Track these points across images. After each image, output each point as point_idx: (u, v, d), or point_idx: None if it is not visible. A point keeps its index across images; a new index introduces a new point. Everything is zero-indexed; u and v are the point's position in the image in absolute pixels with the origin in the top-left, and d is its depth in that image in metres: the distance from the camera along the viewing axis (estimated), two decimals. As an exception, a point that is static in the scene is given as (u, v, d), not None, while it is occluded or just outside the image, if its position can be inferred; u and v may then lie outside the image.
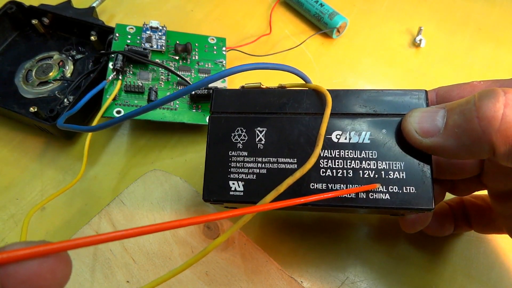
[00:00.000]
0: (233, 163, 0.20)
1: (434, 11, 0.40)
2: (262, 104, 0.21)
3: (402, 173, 0.19)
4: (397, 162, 0.19)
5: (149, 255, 0.24)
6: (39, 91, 0.31)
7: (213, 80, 0.18)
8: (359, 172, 0.19)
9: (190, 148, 0.31)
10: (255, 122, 0.20)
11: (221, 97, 0.21)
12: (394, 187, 0.19)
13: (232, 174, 0.20)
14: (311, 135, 0.20)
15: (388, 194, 0.19)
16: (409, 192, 0.19)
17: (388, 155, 0.19)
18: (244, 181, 0.20)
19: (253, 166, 0.20)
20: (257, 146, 0.20)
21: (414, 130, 0.18)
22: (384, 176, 0.19)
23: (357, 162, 0.20)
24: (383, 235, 0.27)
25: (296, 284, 0.24)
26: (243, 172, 0.20)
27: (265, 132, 0.20)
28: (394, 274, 0.26)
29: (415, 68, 0.36)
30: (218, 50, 0.34)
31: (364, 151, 0.20)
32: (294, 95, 0.21)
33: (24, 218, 0.22)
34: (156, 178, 0.27)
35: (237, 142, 0.20)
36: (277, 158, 0.20)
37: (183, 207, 0.26)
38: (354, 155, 0.20)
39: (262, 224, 0.27)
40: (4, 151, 0.30)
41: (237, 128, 0.20)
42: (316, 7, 0.37)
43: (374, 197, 0.19)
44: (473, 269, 0.26)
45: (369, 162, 0.20)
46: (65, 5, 0.35)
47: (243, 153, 0.20)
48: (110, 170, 0.30)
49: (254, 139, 0.20)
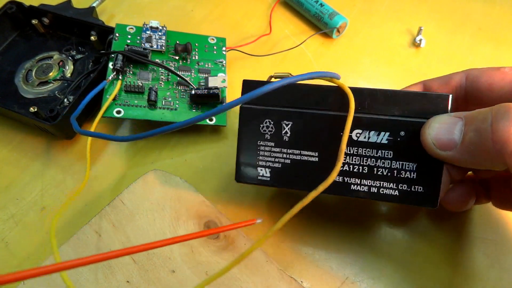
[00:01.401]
0: (261, 152, 0.22)
1: (434, 11, 0.40)
2: (289, 100, 0.22)
3: (414, 174, 0.20)
4: (410, 163, 0.20)
5: (149, 255, 0.24)
6: (39, 91, 0.31)
7: (263, 91, 0.17)
8: (373, 170, 0.21)
9: (190, 148, 0.31)
10: (282, 115, 0.22)
11: (250, 89, 0.22)
12: (404, 185, 0.21)
13: (260, 161, 0.22)
14: (333, 131, 0.21)
15: (397, 191, 0.21)
16: (417, 191, 0.20)
17: (403, 156, 0.20)
18: (270, 168, 0.22)
19: (279, 156, 0.22)
20: (282, 138, 0.22)
21: (432, 143, 0.19)
22: (396, 174, 0.21)
23: (372, 160, 0.21)
24: (383, 235, 0.27)
25: (296, 284, 0.24)
26: (269, 160, 0.22)
27: (290, 126, 0.22)
28: (394, 274, 0.26)
29: (415, 68, 0.36)
30: (218, 50, 0.34)
31: (381, 151, 0.21)
32: (320, 93, 0.21)
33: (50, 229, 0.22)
34: (156, 178, 0.27)
35: (265, 133, 0.22)
36: (300, 151, 0.22)
37: (183, 207, 0.26)
38: (371, 154, 0.21)
39: (261, 224, 0.27)
40: (4, 151, 0.30)
41: (265, 120, 0.22)
42: (316, 7, 0.37)
43: (384, 192, 0.21)
44: (474, 269, 0.26)
45: (384, 161, 0.21)
46: (65, 5, 0.35)
47: (270, 143, 0.22)
48: (110, 170, 0.30)
49: (280, 131, 0.22)
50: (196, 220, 0.26)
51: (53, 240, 0.21)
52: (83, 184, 0.27)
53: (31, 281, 0.23)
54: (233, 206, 0.28)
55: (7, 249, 0.26)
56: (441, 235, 0.27)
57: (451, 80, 0.23)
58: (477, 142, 0.17)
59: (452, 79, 0.23)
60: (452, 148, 0.18)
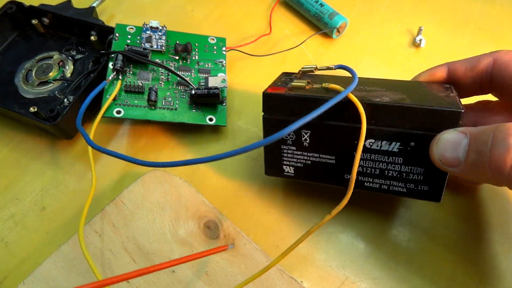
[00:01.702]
0: (285, 154, 0.25)
1: (434, 11, 0.40)
2: (307, 112, 0.22)
3: (421, 176, 0.22)
4: (418, 168, 0.22)
5: (149, 255, 0.24)
6: (39, 91, 0.31)
7: (295, 127, 0.18)
8: (384, 171, 0.23)
9: (190, 148, 0.31)
10: (301, 126, 0.22)
11: (270, 101, 0.23)
12: (411, 184, 0.23)
13: (285, 161, 0.25)
14: (348, 140, 0.23)
15: (405, 189, 0.23)
16: (423, 190, 0.23)
17: (412, 162, 0.22)
18: (294, 167, 0.25)
19: (300, 158, 0.24)
20: (303, 144, 0.24)
21: (438, 159, 0.20)
22: (405, 176, 0.23)
23: (384, 164, 0.23)
24: (383, 236, 0.27)
25: (296, 284, 0.24)
26: (292, 160, 0.25)
27: (309, 134, 0.24)
28: (394, 274, 0.26)
29: (415, 68, 0.36)
30: (218, 50, 0.34)
31: (392, 157, 0.23)
32: (336, 107, 0.22)
33: (78, 237, 0.22)
34: (156, 178, 0.27)
35: (287, 139, 0.24)
36: (319, 154, 0.24)
37: (183, 207, 0.26)
38: (382, 159, 0.23)
39: (261, 224, 0.27)
40: (4, 151, 0.30)
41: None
42: (316, 7, 0.37)
43: (393, 189, 0.23)
44: (476, 269, 0.26)
45: (394, 165, 0.23)
46: (65, 5, 0.35)
47: (292, 147, 0.24)
48: (110, 170, 0.30)
49: (300, 138, 0.24)
50: (196, 220, 0.26)
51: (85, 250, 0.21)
52: (93, 188, 0.26)
53: (31, 281, 0.23)
54: (233, 206, 0.28)
55: (7, 249, 0.26)
56: (441, 235, 0.27)
57: (478, 63, 0.23)
58: (478, 164, 0.18)
59: (479, 62, 0.23)
60: (456, 166, 0.19)
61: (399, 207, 0.28)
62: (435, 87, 0.24)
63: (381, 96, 0.22)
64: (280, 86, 0.24)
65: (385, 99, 0.22)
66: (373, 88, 0.24)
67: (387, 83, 0.25)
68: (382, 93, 0.23)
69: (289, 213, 0.28)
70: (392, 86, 0.24)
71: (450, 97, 0.22)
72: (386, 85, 0.25)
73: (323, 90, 0.23)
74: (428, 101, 0.21)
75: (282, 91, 0.23)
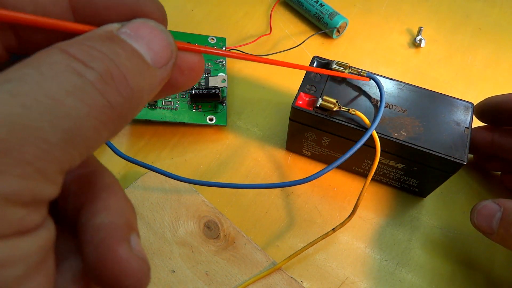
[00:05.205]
0: (305, 144, 0.29)
1: (434, 11, 0.40)
2: (328, 129, 0.26)
3: (415, 183, 0.28)
4: (414, 180, 0.27)
5: (149, 255, 0.24)
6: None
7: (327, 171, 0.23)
8: (386, 174, 0.28)
9: (190, 148, 0.31)
10: (322, 134, 0.27)
11: (298, 113, 0.26)
12: (406, 185, 0.28)
13: (304, 148, 0.29)
14: (362, 153, 0.26)
15: (399, 187, 0.29)
16: (414, 191, 0.28)
17: (411, 176, 0.27)
18: (311, 152, 0.29)
19: (318, 149, 0.29)
20: (322, 143, 0.28)
21: (477, 227, 0.23)
22: (402, 181, 0.28)
23: (387, 169, 0.27)
24: (383, 236, 0.27)
25: (296, 284, 0.24)
26: (310, 149, 0.29)
27: (329, 140, 0.27)
28: (394, 274, 0.26)
29: (415, 68, 0.36)
30: (218, 50, 0.34)
31: (395, 170, 0.27)
32: (356, 131, 0.24)
33: None
34: (156, 178, 0.27)
35: (308, 137, 0.28)
36: (335, 152, 0.28)
37: (183, 207, 0.26)
38: (387, 168, 0.27)
39: (261, 224, 0.27)
40: (4, 151, 0.30)
41: (309, 131, 0.27)
42: (316, 7, 0.37)
43: (390, 184, 0.29)
44: (472, 264, 0.26)
45: (395, 174, 0.27)
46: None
47: (312, 142, 0.28)
48: (110, 170, 0.29)
49: (320, 140, 0.27)
50: (196, 220, 0.26)
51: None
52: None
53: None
54: (233, 206, 0.28)
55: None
56: (442, 234, 0.27)
57: None
58: (505, 238, 0.22)
59: None
60: (491, 234, 0.22)
61: (399, 207, 0.28)
62: (454, 111, 0.25)
63: (400, 127, 0.24)
64: (309, 93, 0.26)
65: (403, 134, 0.24)
66: (394, 107, 0.25)
67: (410, 98, 0.26)
68: (401, 121, 0.25)
69: (289, 213, 0.28)
70: (413, 103, 0.25)
71: (462, 135, 0.24)
72: (408, 101, 0.25)
73: (348, 116, 0.25)
74: (439, 141, 0.24)
75: (310, 107, 0.25)
